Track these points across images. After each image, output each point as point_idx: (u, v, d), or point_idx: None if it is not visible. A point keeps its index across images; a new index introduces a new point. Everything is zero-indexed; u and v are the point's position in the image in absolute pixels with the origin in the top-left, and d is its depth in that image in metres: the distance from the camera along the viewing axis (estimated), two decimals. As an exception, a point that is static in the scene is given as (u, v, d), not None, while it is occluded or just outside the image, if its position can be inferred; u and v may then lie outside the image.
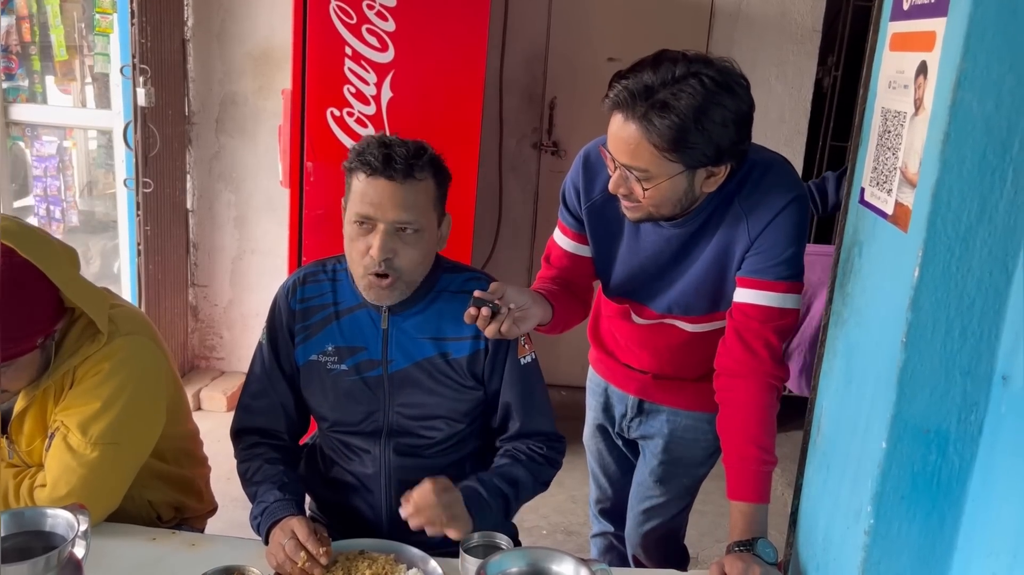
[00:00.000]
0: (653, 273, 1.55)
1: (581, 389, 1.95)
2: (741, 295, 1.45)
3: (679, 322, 1.61)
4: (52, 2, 3.59)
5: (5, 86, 3.60)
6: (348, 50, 2.71)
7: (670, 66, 1.28)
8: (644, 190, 1.35)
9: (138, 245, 3.30)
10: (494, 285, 1.40)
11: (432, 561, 1.37)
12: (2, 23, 3.59)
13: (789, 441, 2.03)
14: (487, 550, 1.34)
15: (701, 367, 1.61)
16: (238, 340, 3.77)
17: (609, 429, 1.87)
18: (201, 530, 1.70)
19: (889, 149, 1.08)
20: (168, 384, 1.55)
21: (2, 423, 1.48)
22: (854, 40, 3.61)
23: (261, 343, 1.54)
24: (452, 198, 1.49)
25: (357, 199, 1.38)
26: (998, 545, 0.92)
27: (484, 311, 1.36)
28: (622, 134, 1.32)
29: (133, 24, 3.08)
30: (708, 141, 1.29)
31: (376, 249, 1.36)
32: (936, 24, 0.95)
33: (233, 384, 3.62)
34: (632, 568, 1.91)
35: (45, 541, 1.18)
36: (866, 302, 1.14)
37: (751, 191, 1.43)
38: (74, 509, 1.22)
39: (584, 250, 1.62)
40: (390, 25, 2.69)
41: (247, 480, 1.49)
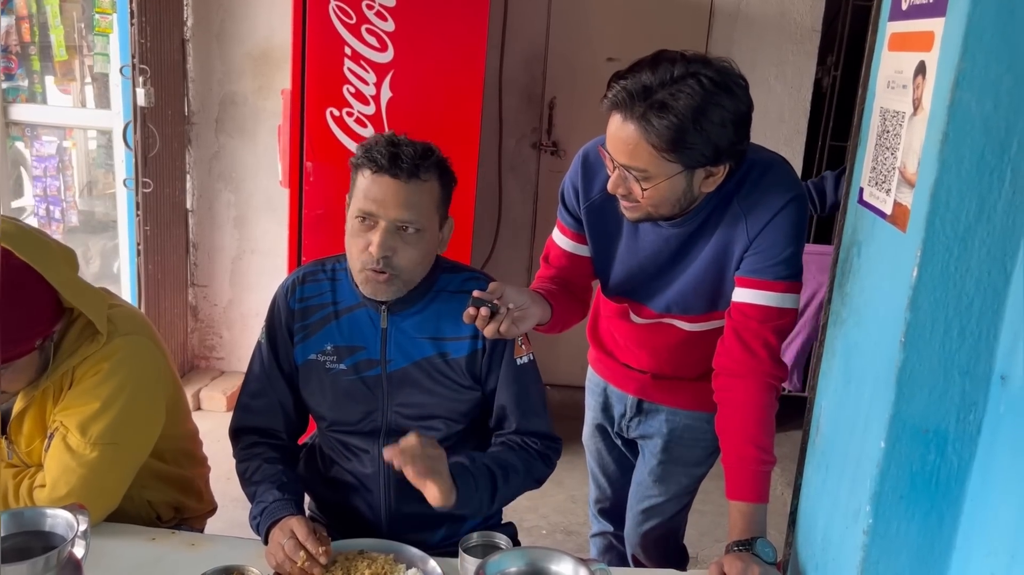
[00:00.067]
0: (652, 273, 1.56)
1: (580, 389, 1.95)
2: (740, 295, 1.45)
3: (678, 321, 1.61)
4: (52, 2, 3.59)
5: (5, 86, 3.60)
6: (348, 50, 2.71)
7: (668, 66, 1.28)
8: (643, 190, 1.35)
9: (138, 245, 3.30)
10: (493, 285, 1.40)
11: (431, 561, 1.37)
12: (2, 23, 3.59)
13: (788, 441, 2.03)
14: (486, 550, 1.35)
15: (700, 367, 1.61)
16: (238, 340, 3.77)
17: (608, 429, 1.87)
18: (201, 530, 1.70)
19: (888, 149, 1.08)
20: (167, 384, 1.55)
21: (1, 424, 1.48)
22: (853, 40, 3.61)
23: (260, 342, 1.54)
24: (452, 198, 1.49)
25: (361, 195, 1.38)
26: (997, 544, 0.92)
27: (483, 311, 1.36)
28: (621, 134, 1.32)
29: (133, 24, 3.08)
30: (706, 141, 1.29)
31: (375, 246, 1.36)
32: (935, 24, 0.95)
33: (233, 384, 3.61)
34: (631, 568, 1.91)
35: (45, 541, 1.18)
36: (865, 302, 1.14)
37: (750, 191, 1.43)
38: (73, 509, 1.22)
39: (583, 250, 1.62)
40: (389, 25, 2.70)
41: (246, 480, 1.49)
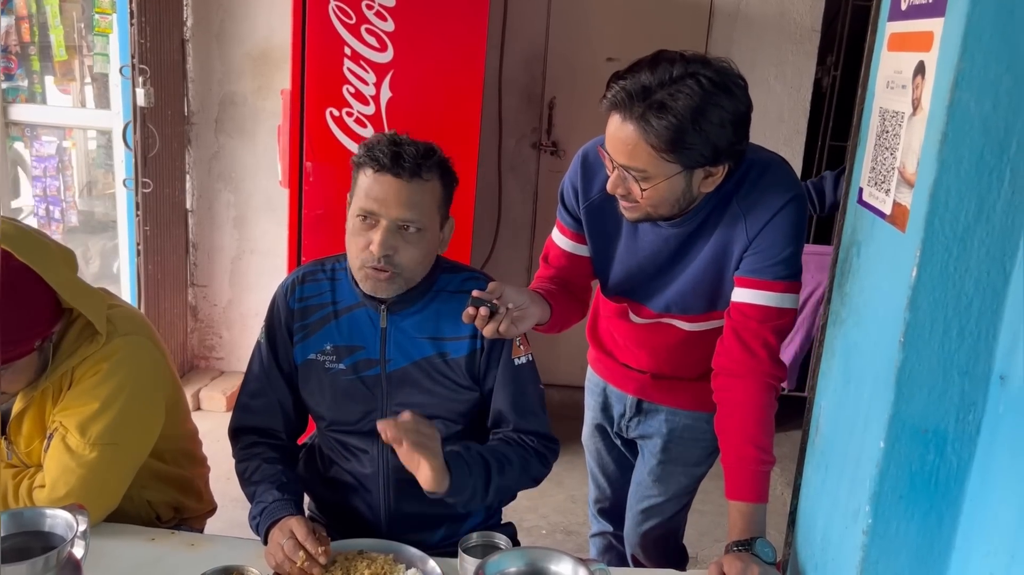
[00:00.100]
0: (651, 272, 1.56)
1: (580, 389, 1.95)
2: (739, 295, 1.45)
3: (677, 321, 1.61)
4: (51, 2, 3.59)
5: (4, 86, 3.60)
6: (347, 50, 2.71)
7: (668, 67, 1.28)
8: (642, 190, 1.35)
9: (137, 245, 3.30)
10: (492, 285, 1.40)
11: (431, 561, 1.37)
12: (1, 23, 3.59)
13: (788, 441, 2.03)
14: (486, 550, 1.35)
15: (699, 367, 1.60)
16: (237, 340, 3.77)
17: (608, 429, 1.87)
18: (200, 530, 1.70)
19: (887, 149, 1.08)
20: (167, 384, 1.55)
21: (1, 424, 1.48)
22: (853, 40, 3.61)
23: (259, 342, 1.54)
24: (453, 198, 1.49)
25: (362, 194, 1.38)
26: (996, 544, 0.92)
27: (482, 311, 1.36)
28: (620, 134, 1.32)
29: (132, 24, 3.08)
30: (705, 141, 1.29)
31: (376, 245, 1.36)
32: (934, 24, 0.95)
33: (233, 384, 3.61)
34: (631, 568, 1.91)
35: (44, 541, 1.18)
36: (864, 302, 1.14)
37: (749, 191, 1.43)
38: (73, 509, 1.21)
39: (582, 250, 1.62)
40: (389, 25, 2.69)
41: (245, 480, 1.49)
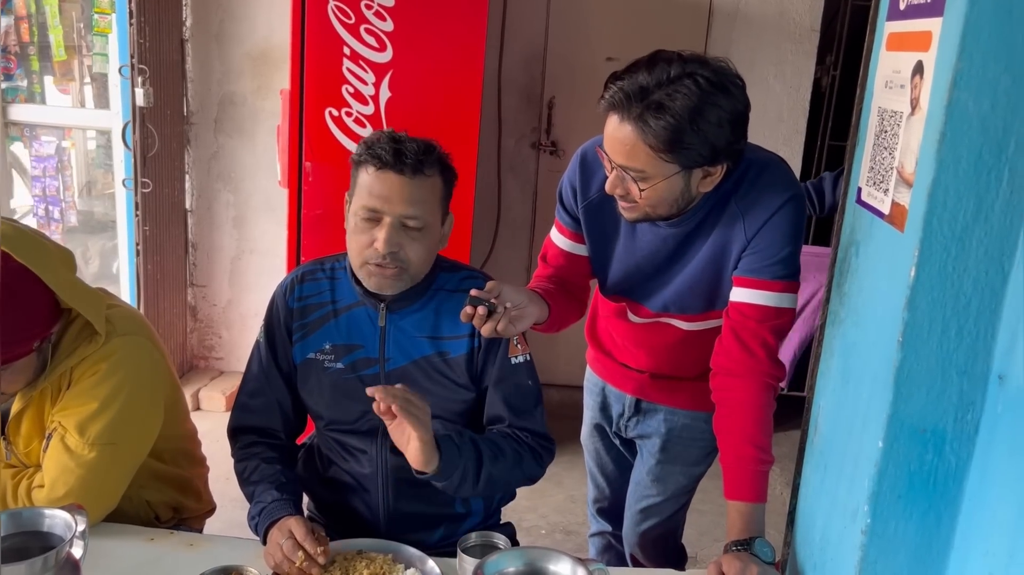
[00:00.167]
0: (649, 272, 1.56)
1: (580, 389, 1.95)
2: (738, 294, 1.45)
3: (675, 321, 1.62)
4: (51, 2, 3.59)
5: (4, 86, 3.60)
6: (346, 50, 2.71)
7: (665, 66, 1.28)
8: (641, 191, 1.35)
9: (137, 245, 3.30)
10: (490, 284, 1.40)
11: (430, 561, 1.37)
12: (1, 23, 3.59)
13: (788, 440, 2.03)
14: (485, 550, 1.35)
15: (698, 366, 1.60)
16: (237, 340, 3.77)
17: (607, 428, 1.87)
18: (199, 530, 1.70)
19: (886, 149, 1.08)
20: (166, 384, 1.55)
21: (0, 424, 1.48)
22: (852, 39, 3.61)
23: (258, 342, 1.54)
24: (451, 197, 1.49)
25: (365, 192, 1.37)
26: (994, 544, 0.92)
27: (480, 310, 1.36)
28: (618, 135, 1.32)
29: (132, 24, 3.08)
30: (704, 141, 1.29)
31: (382, 242, 1.36)
32: (932, 24, 0.95)
33: (232, 384, 3.61)
34: (630, 568, 1.91)
35: (43, 541, 1.17)
36: (863, 302, 1.14)
37: (747, 190, 1.43)
38: (72, 509, 1.21)
39: (581, 249, 1.62)
40: (388, 25, 2.69)
41: (244, 479, 1.49)
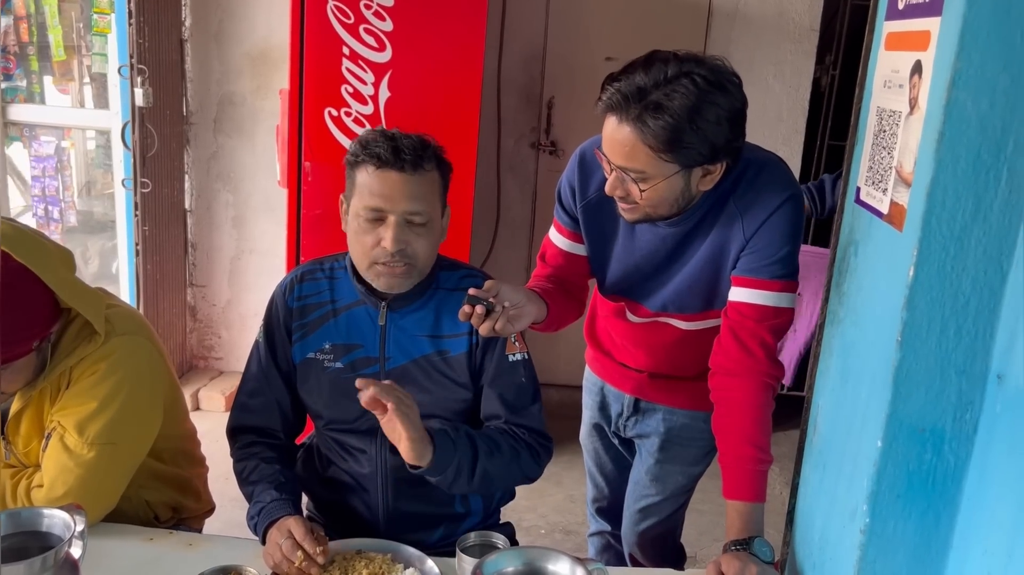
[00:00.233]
0: (648, 272, 1.56)
1: (580, 388, 1.95)
2: (736, 294, 1.45)
3: (674, 320, 1.62)
4: (50, 2, 3.59)
5: (3, 86, 3.60)
6: (346, 50, 2.71)
7: (662, 66, 1.28)
8: (641, 191, 1.35)
9: (136, 245, 3.30)
10: (488, 283, 1.39)
11: (429, 561, 1.37)
12: (0, 23, 3.59)
13: (787, 440, 2.03)
14: (484, 550, 1.35)
15: (696, 366, 1.60)
16: (236, 340, 3.76)
17: (605, 428, 1.87)
18: (199, 530, 1.70)
19: (884, 148, 1.08)
20: (165, 384, 1.55)
21: (0, 424, 1.49)
22: (852, 39, 3.61)
23: (258, 341, 1.54)
24: (450, 197, 1.49)
25: (366, 193, 1.37)
26: (993, 543, 0.92)
27: (478, 309, 1.36)
28: (617, 136, 1.32)
29: (131, 24, 3.08)
30: (703, 140, 1.29)
31: (390, 241, 1.36)
32: (931, 23, 0.95)
33: (231, 384, 3.61)
34: (629, 567, 1.91)
35: (42, 541, 1.17)
36: (862, 301, 1.14)
37: (746, 190, 1.43)
38: (71, 509, 1.21)
39: (579, 248, 1.62)
40: (388, 25, 2.69)
41: (243, 479, 1.49)
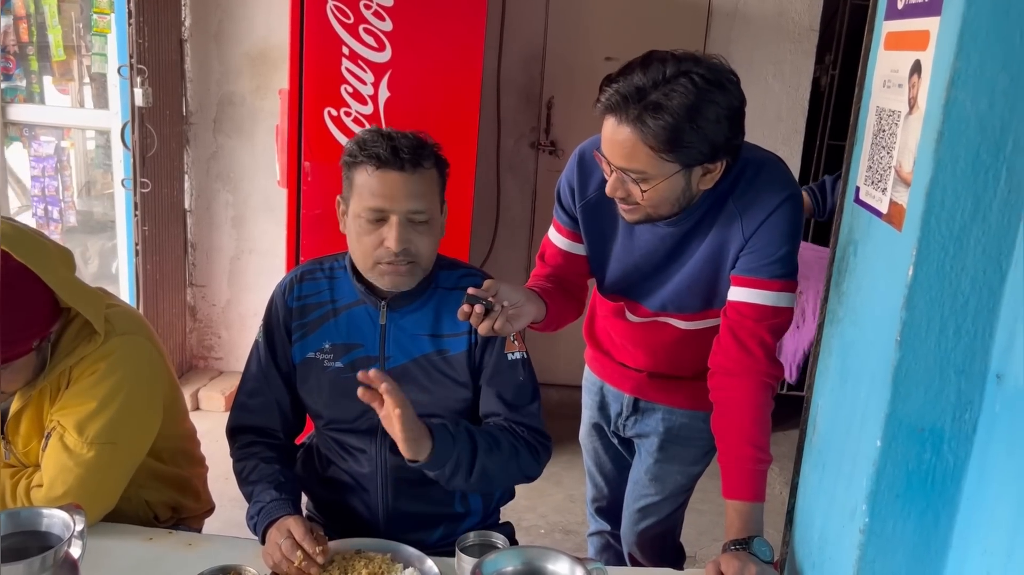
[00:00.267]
0: (647, 271, 1.56)
1: (579, 388, 1.95)
2: (735, 294, 1.45)
3: (673, 320, 1.62)
4: (50, 2, 3.58)
5: (3, 86, 3.60)
6: (345, 50, 2.71)
7: (660, 66, 1.28)
8: (642, 192, 1.35)
9: (136, 245, 3.30)
10: (488, 282, 1.39)
11: (428, 560, 1.37)
12: (0, 23, 3.59)
13: (786, 440, 2.03)
14: (483, 549, 1.35)
15: (696, 365, 1.60)
16: (236, 340, 3.76)
17: (605, 428, 1.87)
18: (198, 530, 1.70)
19: (884, 148, 1.08)
20: (164, 383, 1.55)
21: (-1, 423, 1.48)
22: (852, 39, 3.61)
23: (257, 341, 1.54)
24: (450, 197, 1.50)
25: (366, 193, 1.37)
26: (993, 543, 0.92)
27: (477, 308, 1.36)
28: (617, 137, 1.32)
29: (131, 24, 3.08)
30: (703, 139, 1.29)
31: (393, 240, 1.36)
32: (930, 23, 0.95)
33: (231, 384, 3.61)
34: (628, 567, 1.91)
35: (41, 541, 1.17)
36: (861, 301, 1.14)
37: (745, 190, 1.43)
38: (70, 509, 1.21)
39: (579, 248, 1.62)
40: (387, 25, 2.69)
41: (243, 479, 1.49)
